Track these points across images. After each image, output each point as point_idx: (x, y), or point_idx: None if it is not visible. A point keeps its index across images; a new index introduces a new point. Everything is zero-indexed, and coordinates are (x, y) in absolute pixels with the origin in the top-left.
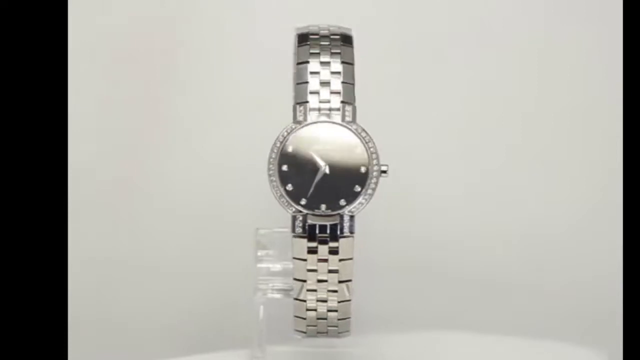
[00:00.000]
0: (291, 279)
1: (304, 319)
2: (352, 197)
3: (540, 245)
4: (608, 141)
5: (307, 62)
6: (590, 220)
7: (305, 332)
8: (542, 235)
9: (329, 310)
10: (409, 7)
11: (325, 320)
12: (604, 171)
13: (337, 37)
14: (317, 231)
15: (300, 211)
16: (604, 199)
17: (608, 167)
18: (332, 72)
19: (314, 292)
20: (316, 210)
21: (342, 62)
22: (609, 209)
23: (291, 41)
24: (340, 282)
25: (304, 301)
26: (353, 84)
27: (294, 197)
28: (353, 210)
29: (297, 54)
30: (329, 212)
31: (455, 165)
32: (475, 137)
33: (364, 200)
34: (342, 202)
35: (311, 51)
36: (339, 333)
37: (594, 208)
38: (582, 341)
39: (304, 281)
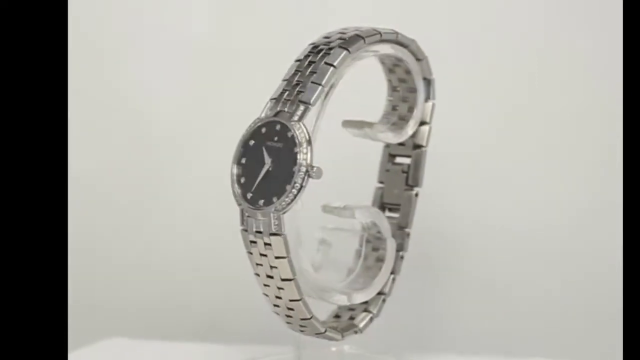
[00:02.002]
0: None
1: (277, 314)
2: (280, 194)
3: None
4: (608, 142)
5: (299, 60)
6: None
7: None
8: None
9: (288, 308)
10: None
11: (292, 318)
12: (605, 173)
13: (346, 38)
14: (253, 226)
15: (241, 205)
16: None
17: (609, 168)
18: (310, 72)
19: (268, 288)
20: (256, 205)
21: (325, 63)
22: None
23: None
24: (282, 280)
25: (267, 295)
26: (321, 85)
27: (244, 191)
28: (279, 207)
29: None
30: (263, 208)
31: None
32: (476, 137)
33: (287, 199)
34: (274, 199)
35: (309, 50)
36: (315, 334)
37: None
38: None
39: (258, 275)
